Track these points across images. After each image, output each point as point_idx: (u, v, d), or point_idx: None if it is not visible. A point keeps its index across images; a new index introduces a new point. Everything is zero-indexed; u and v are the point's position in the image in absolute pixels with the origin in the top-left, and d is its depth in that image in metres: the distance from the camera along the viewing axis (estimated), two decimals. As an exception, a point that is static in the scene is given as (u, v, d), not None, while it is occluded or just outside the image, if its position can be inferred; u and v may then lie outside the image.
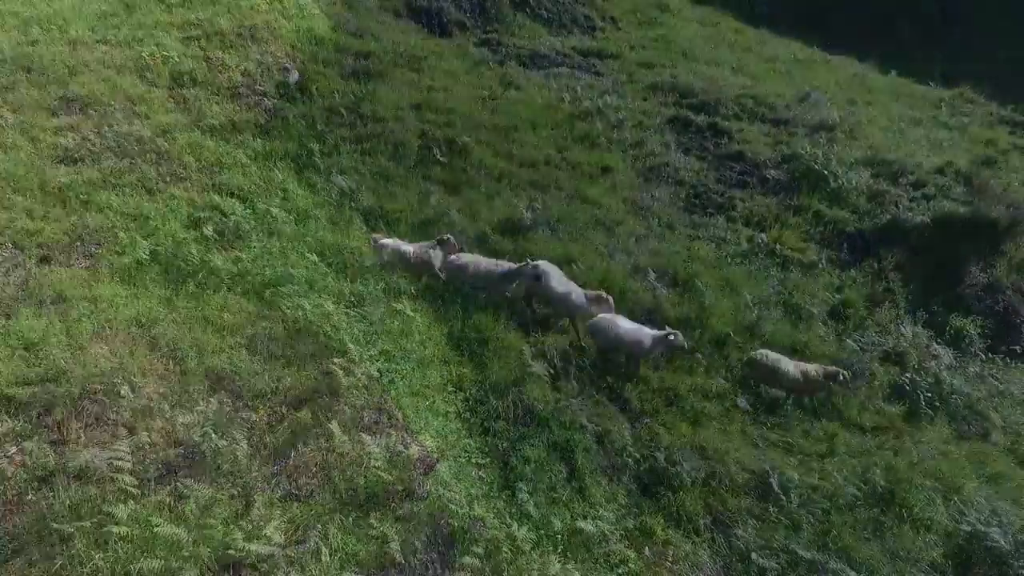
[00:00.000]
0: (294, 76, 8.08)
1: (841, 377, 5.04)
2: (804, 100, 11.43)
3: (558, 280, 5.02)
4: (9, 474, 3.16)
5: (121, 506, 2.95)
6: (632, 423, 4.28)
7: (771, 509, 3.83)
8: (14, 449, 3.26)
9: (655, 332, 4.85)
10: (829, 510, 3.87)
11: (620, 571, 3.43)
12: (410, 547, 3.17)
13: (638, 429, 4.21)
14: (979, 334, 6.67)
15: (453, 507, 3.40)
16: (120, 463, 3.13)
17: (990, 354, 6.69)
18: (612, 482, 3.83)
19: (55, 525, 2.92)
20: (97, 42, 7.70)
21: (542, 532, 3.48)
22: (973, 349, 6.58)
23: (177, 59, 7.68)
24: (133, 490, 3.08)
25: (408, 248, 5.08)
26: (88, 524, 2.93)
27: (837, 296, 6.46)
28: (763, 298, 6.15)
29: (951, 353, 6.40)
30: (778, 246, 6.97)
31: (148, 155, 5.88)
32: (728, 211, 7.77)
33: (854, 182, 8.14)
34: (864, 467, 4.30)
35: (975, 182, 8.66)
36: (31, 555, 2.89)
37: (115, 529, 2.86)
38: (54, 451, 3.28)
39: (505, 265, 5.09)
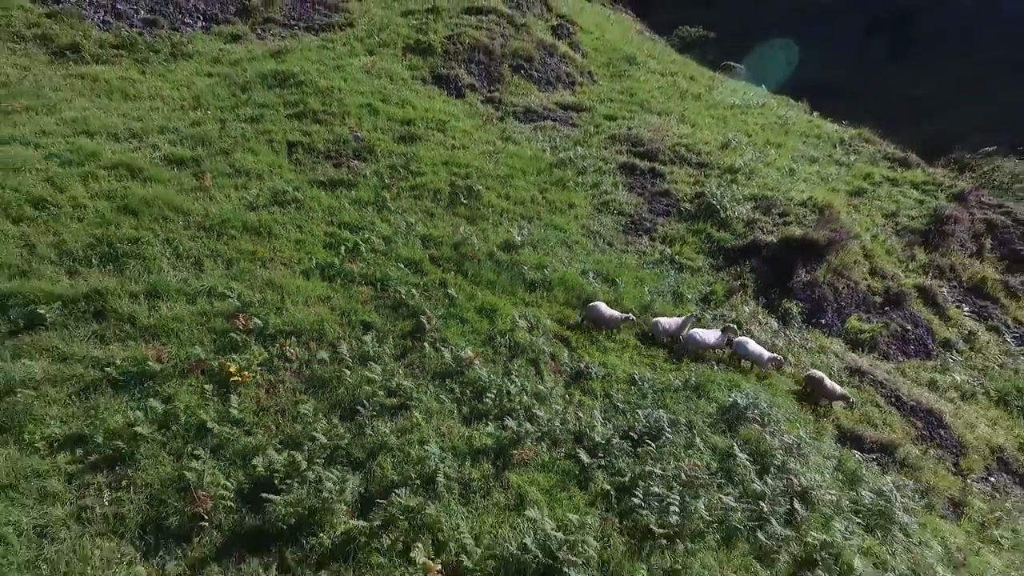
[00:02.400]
0: (361, 141, 12.05)
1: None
2: (725, 146, 15.43)
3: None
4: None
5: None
6: (570, 351, 8.23)
7: (633, 389, 7.77)
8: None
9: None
10: (663, 391, 7.82)
11: (558, 408, 7.32)
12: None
13: (572, 353, 8.16)
14: (799, 313, 10.65)
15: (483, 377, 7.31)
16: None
17: (808, 325, 10.70)
18: (558, 375, 7.76)
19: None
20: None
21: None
22: (795, 322, 10.56)
23: (288, 132, 11.66)
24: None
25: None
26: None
27: (708, 288, 10.44)
28: (660, 289, 10.11)
29: (778, 324, 10.39)
30: (677, 256, 10.94)
31: (290, 204, 9.82)
32: (651, 233, 11.73)
33: (737, 213, 12.13)
34: (690, 375, 8.27)
35: (825, 212, 12.65)
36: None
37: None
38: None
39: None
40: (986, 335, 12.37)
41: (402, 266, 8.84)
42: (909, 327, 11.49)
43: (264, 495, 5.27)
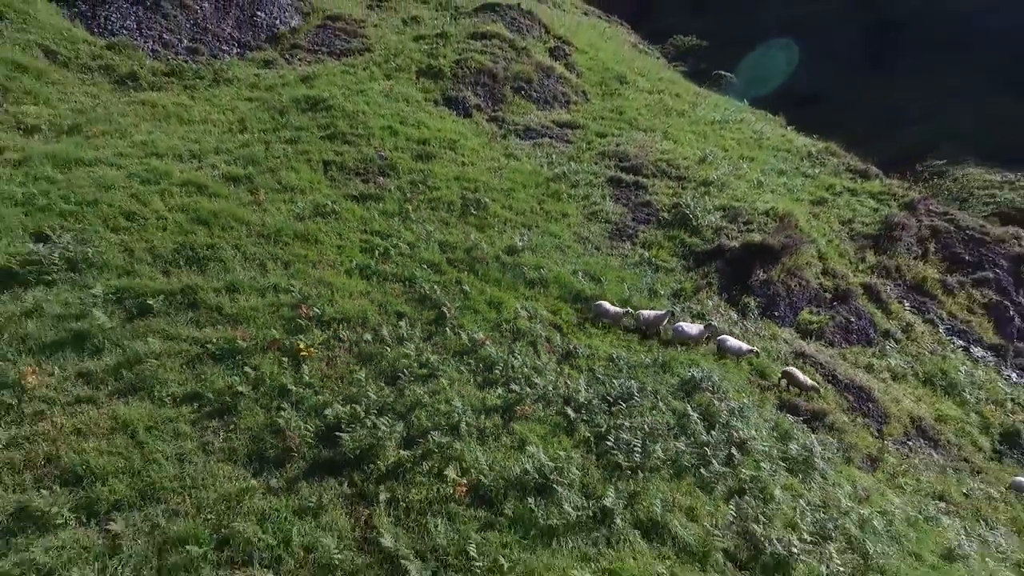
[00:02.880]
0: (385, 160, 14.00)
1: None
2: (703, 161, 17.40)
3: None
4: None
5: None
6: (561, 335, 10.19)
7: (611, 365, 9.73)
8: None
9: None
10: (636, 367, 9.77)
11: (551, 378, 9.28)
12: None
13: (563, 337, 10.12)
14: (756, 307, 12.61)
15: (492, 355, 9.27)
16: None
17: (763, 317, 12.67)
18: (551, 354, 9.70)
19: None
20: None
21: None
22: (752, 315, 12.52)
23: (323, 152, 13.62)
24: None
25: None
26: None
27: (679, 286, 12.40)
28: (639, 287, 12.07)
29: (737, 316, 12.36)
30: (654, 259, 12.91)
31: (328, 218, 11.77)
32: (633, 239, 13.69)
33: (707, 221, 14.09)
34: (659, 355, 10.23)
35: (784, 220, 14.62)
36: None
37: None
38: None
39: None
40: (922, 327, 14.36)
41: (425, 267, 10.80)
42: (853, 319, 13.47)
43: (336, 434, 7.24)
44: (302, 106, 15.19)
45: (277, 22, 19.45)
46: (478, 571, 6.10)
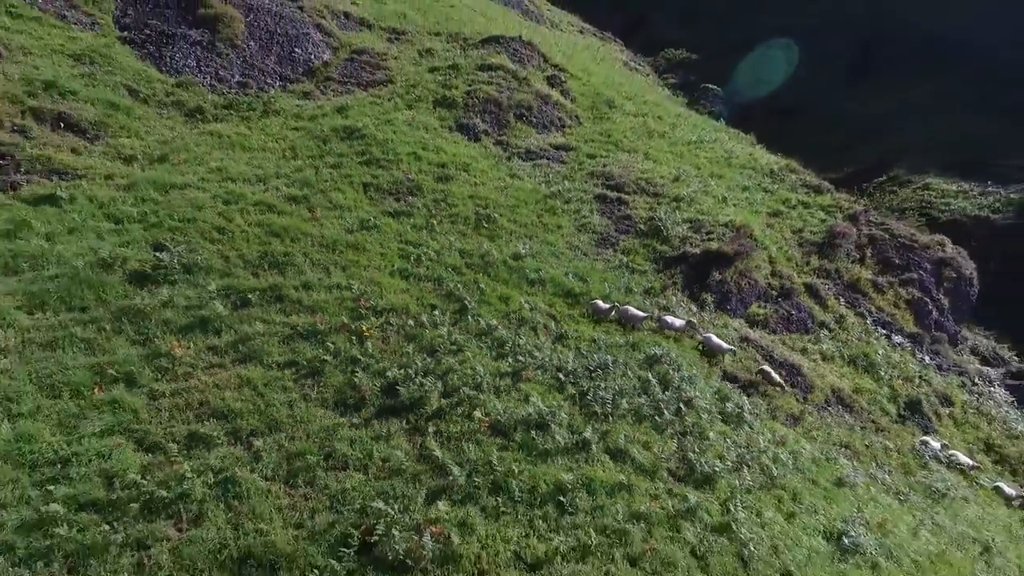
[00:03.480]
0: (412, 182, 17.03)
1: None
2: (677, 179, 20.45)
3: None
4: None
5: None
6: (556, 323, 13.22)
7: (593, 344, 12.78)
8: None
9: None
10: (612, 346, 12.81)
11: (548, 353, 12.31)
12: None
13: (557, 324, 13.16)
14: (712, 301, 15.66)
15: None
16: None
17: (718, 310, 15.73)
18: (548, 336, 12.74)
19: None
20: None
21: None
22: (708, 308, 15.57)
23: (362, 176, 16.64)
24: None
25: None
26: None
27: (649, 285, 15.45)
28: (618, 286, 15.09)
29: (696, 308, 15.42)
30: (631, 263, 15.97)
31: (372, 231, 14.80)
32: (615, 247, 16.72)
33: (676, 232, 17.14)
34: (630, 337, 13.27)
35: (739, 231, 17.68)
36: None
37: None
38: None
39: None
40: (853, 319, 17.45)
41: (449, 270, 13.85)
42: (794, 312, 16.55)
43: (395, 388, 10.30)
44: (340, 135, 18.24)
45: (312, 57, 22.51)
46: (498, 475, 9.16)
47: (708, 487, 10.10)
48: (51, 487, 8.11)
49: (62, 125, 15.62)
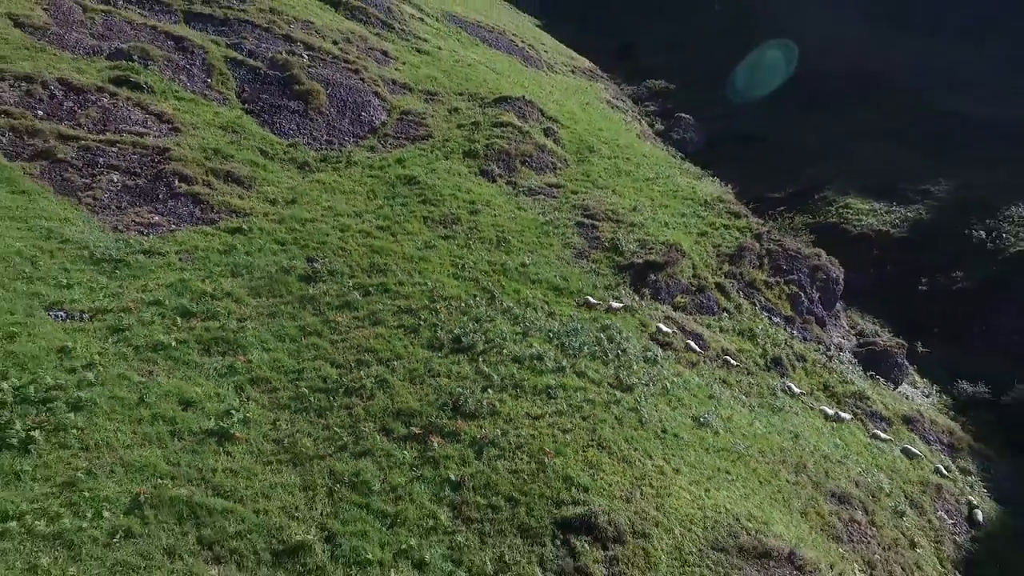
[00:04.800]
0: (454, 216, 25.54)
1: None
2: (634, 209, 29.11)
3: None
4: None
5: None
6: (548, 306, 21.80)
7: (570, 318, 21.37)
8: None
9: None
10: (580, 319, 21.38)
11: (544, 322, 20.83)
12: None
13: (549, 307, 21.72)
14: (649, 294, 24.26)
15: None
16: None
17: (653, 300, 24.33)
18: (544, 314, 21.29)
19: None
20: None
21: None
22: (646, 299, 24.14)
23: (421, 212, 25.18)
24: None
25: None
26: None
27: (608, 283, 24.04)
28: (587, 283, 23.70)
29: (639, 299, 24.00)
30: (597, 269, 24.55)
31: (432, 249, 23.34)
32: (587, 258, 25.25)
33: (629, 248, 25.74)
34: (593, 315, 21.86)
35: (671, 247, 26.27)
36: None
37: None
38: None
39: None
40: (747, 306, 26.09)
41: (482, 273, 22.43)
42: (705, 301, 25.17)
43: (461, 338, 18.90)
44: (402, 181, 26.84)
45: (373, 118, 31.13)
46: (516, 380, 17.73)
47: (628, 391, 18.69)
48: (300, 382, 16.68)
49: (229, 179, 24.23)
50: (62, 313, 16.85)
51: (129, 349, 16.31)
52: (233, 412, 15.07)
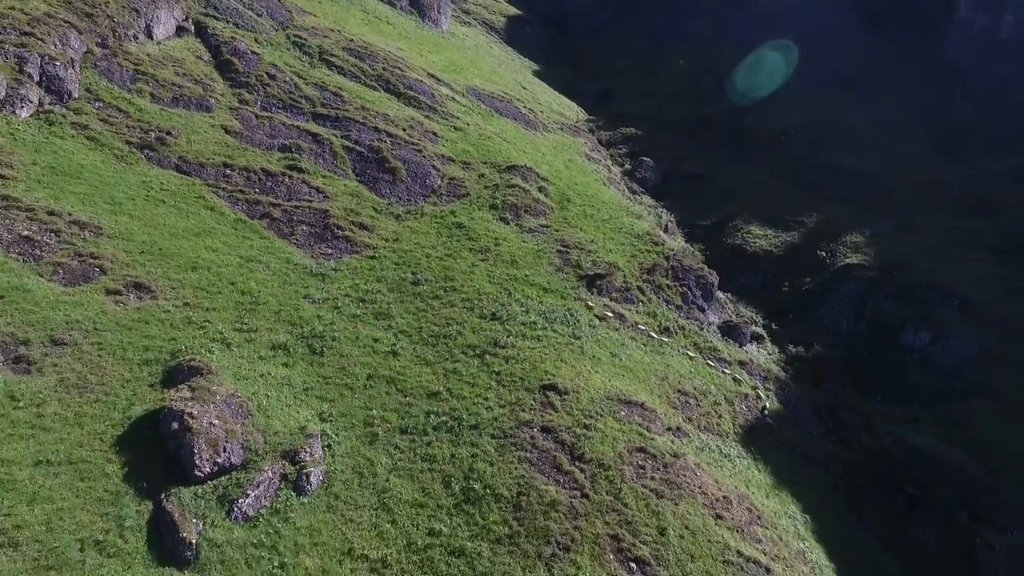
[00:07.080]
0: (487, 249, 44.59)
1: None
2: (592, 241, 48.26)
3: None
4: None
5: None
6: (539, 299, 40.85)
7: (554, 302, 40.44)
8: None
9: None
10: (556, 305, 40.39)
11: (546, 308, 39.73)
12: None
13: (540, 299, 40.81)
14: (599, 292, 43.24)
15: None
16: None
17: (599, 295, 43.38)
18: (540, 301, 40.26)
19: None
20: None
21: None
22: (595, 294, 43.10)
23: (468, 247, 44.24)
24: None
25: None
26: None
27: (573, 286, 43.03)
28: (561, 287, 42.74)
29: (594, 294, 43.01)
30: (566, 278, 43.56)
31: (476, 267, 42.41)
32: (564, 272, 44.16)
33: (587, 265, 44.68)
34: (566, 303, 40.89)
35: (611, 264, 45.21)
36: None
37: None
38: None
39: None
40: (655, 298, 45.24)
41: (504, 282, 41.53)
42: (629, 296, 44.28)
43: (495, 314, 38.04)
44: (455, 226, 45.96)
45: (432, 183, 50.28)
46: (526, 328, 36.89)
47: (578, 340, 37.74)
48: (422, 331, 35.85)
49: (361, 227, 43.41)
50: (310, 299, 36.14)
51: (344, 316, 35.55)
52: (395, 344, 34.31)
